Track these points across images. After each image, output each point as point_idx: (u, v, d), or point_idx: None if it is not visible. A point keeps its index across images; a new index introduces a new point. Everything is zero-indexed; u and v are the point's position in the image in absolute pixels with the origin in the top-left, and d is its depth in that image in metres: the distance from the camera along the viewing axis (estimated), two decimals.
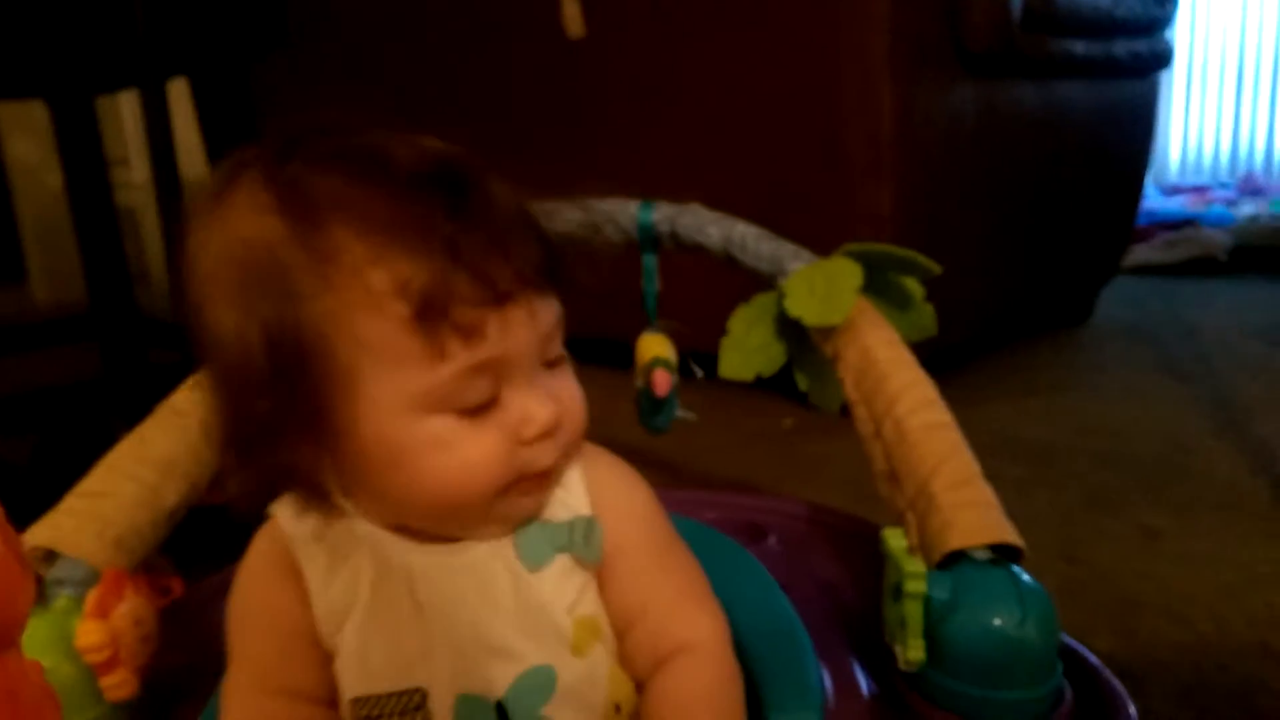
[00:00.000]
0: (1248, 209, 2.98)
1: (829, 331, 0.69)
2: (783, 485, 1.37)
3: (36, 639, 0.54)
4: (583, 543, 0.50)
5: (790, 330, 0.75)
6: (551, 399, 0.47)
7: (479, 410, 0.45)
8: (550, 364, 0.48)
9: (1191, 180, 3.86)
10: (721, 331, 0.77)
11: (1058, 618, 0.53)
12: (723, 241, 0.76)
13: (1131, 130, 2.11)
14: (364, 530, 0.49)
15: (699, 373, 0.75)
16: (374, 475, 0.46)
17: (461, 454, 0.45)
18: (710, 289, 0.88)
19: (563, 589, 0.50)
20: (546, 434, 0.47)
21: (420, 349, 0.43)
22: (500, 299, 0.44)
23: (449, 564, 0.49)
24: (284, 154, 0.45)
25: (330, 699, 0.50)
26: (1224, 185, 3.45)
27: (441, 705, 0.48)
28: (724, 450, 1.51)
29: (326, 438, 0.46)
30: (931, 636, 0.53)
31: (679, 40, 1.66)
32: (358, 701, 0.49)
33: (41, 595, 0.58)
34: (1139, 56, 1.97)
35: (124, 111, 2.73)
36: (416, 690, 0.48)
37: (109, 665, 0.54)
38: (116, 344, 1.47)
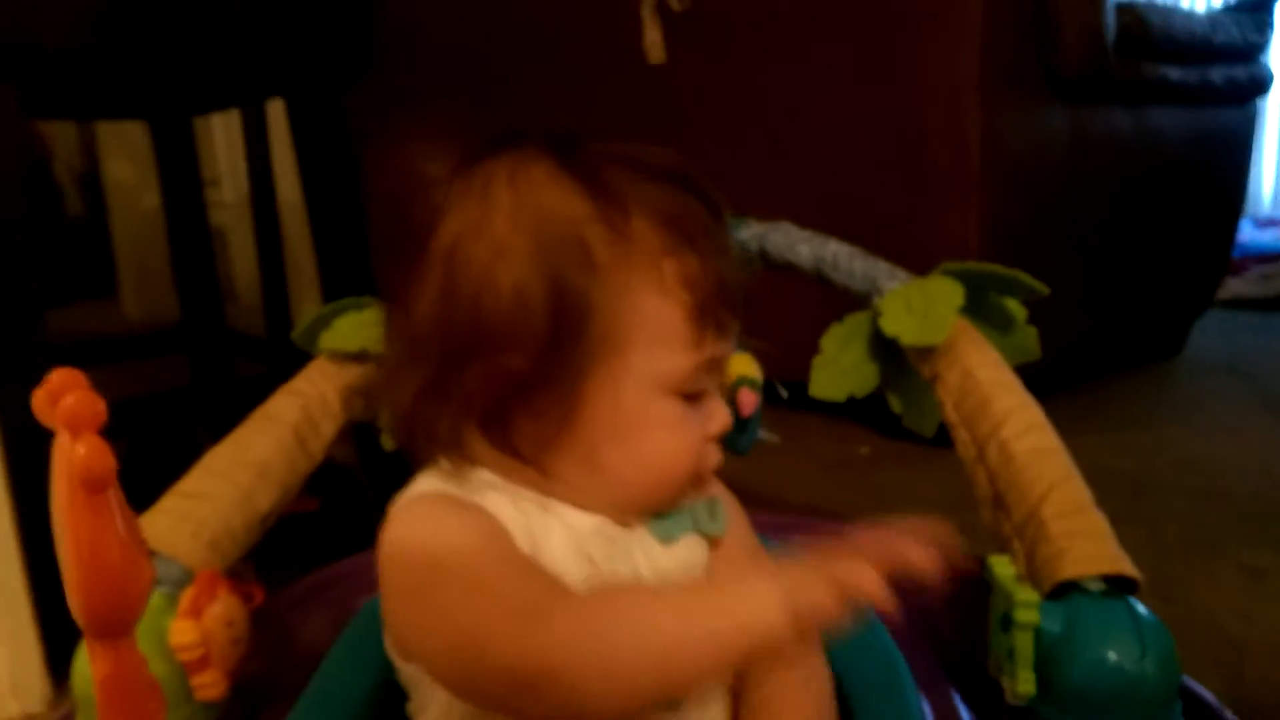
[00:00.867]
0: None
1: (927, 352, 0.67)
2: (858, 514, 1.34)
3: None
4: (707, 518, 0.53)
5: (884, 351, 0.73)
6: (725, 406, 0.52)
7: (694, 404, 0.50)
8: None
9: None
10: (806, 359, 0.75)
11: (1177, 654, 0.51)
12: (814, 259, 0.74)
13: (1227, 159, 2.05)
14: (553, 505, 0.49)
15: (784, 393, 0.74)
16: (601, 445, 0.49)
17: (681, 436, 0.49)
18: (798, 315, 0.87)
19: (693, 560, 0.53)
20: (723, 434, 0.51)
21: (687, 334, 0.48)
22: (735, 306, 0.50)
23: (614, 538, 0.50)
24: (568, 145, 0.50)
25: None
26: None
27: None
28: (799, 476, 1.48)
29: (566, 402, 0.48)
30: (1042, 670, 0.50)
31: (760, 63, 1.65)
32: None
33: None
34: (1236, 83, 1.91)
35: (217, 133, 2.81)
36: None
37: (200, 665, 0.54)
38: (205, 356, 1.51)
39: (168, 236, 1.62)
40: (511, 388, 0.47)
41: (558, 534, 0.48)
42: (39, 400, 0.24)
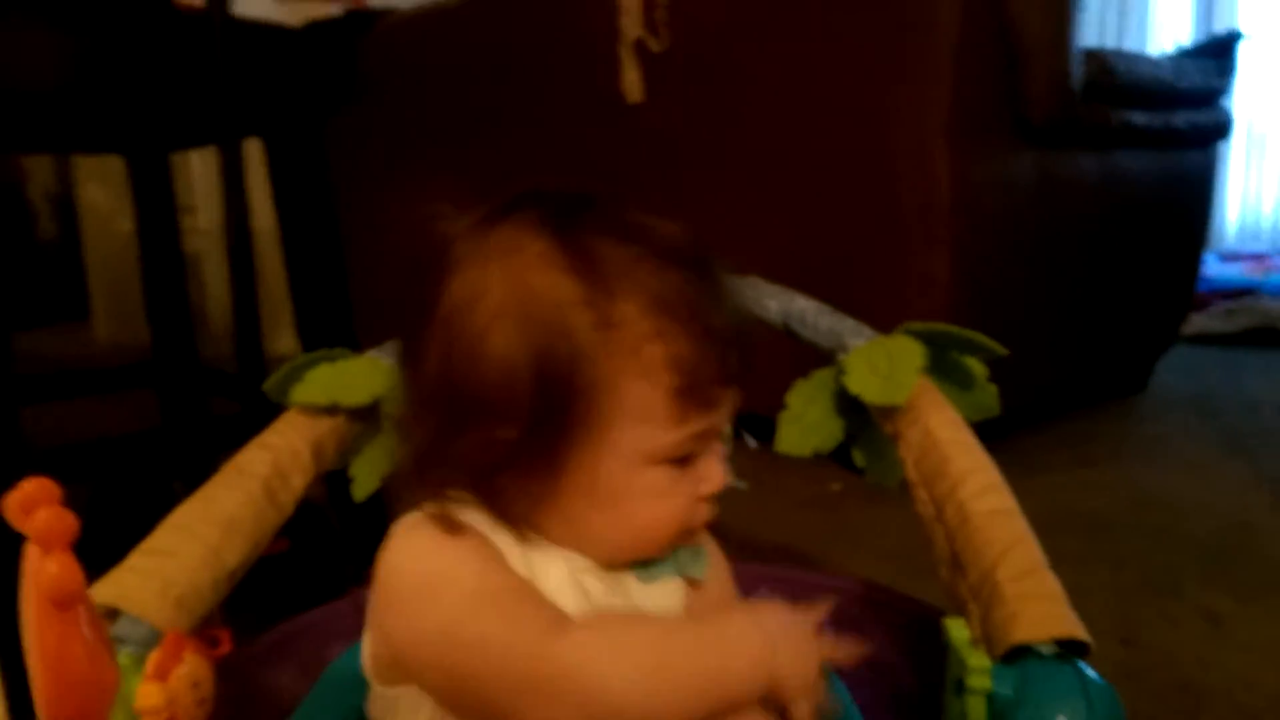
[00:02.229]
0: None
1: (890, 410, 0.69)
2: (831, 551, 1.36)
3: None
4: (690, 561, 0.56)
5: (849, 407, 0.74)
6: (721, 465, 0.53)
7: (684, 468, 0.51)
8: None
9: (1250, 248, 3.81)
10: (777, 396, 0.76)
11: (1124, 716, 0.52)
12: (782, 315, 0.76)
13: (1191, 200, 2.09)
14: (553, 550, 0.52)
15: (752, 444, 0.75)
16: (586, 511, 0.51)
17: (667, 503, 0.51)
18: (767, 355, 0.88)
19: (671, 604, 0.55)
20: (716, 494, 0.53)
21: (670, 413, 0.49)
22: (728, 381, 0.50)
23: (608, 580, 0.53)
24: (568, 218, 0.50)
25: None
26: None
27: None
28: (772, 515, 1.49)
29: (552, 472, 0.50)
30: None
31: (736, 103, 1.68)
32: None
33: None
34: (1199, 127, 1.95)
35: (193, 160, 2.81)
36: None
37: None
38: (176, 390, 1.50)
39: (141, 266, 1.61)
40: (501, 456, 0.49)
41: (556, 566, 0.51)
42: (11, 508, 0.25)
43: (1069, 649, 0.54)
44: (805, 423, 0.74)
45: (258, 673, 0.70)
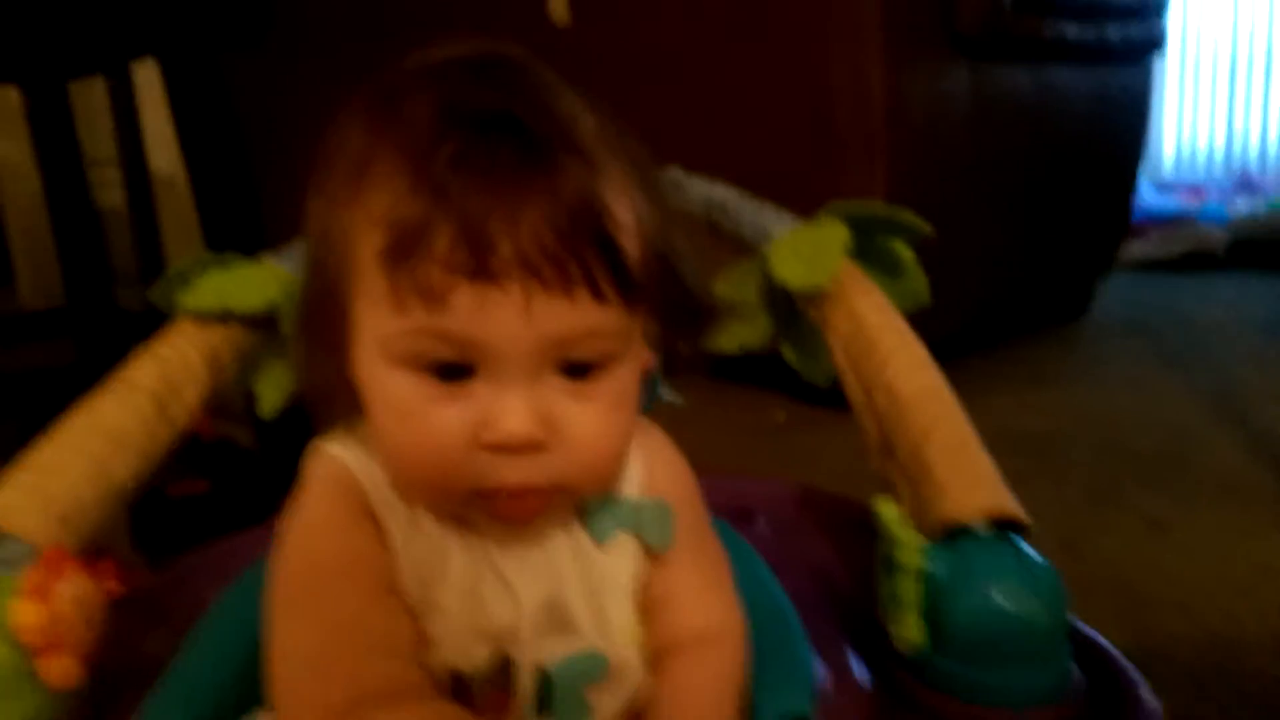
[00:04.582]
0: (1243, 206, 2.95)
1: (816, 297, 0.66)
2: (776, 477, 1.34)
3: None
4: (655, 529, 0.48)
5: (777, 300, 0.71)
6: (537, 416, 0.40)
7: (448, 387, 0.40)
8: (578, 376, 0.42)
9: (1187, 178, 3.84)
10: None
11: (1065, 595, 0.50)
12: (703, 204, 0.72)
13: (1126, 117, 2.09)
14: None
15: (676, 399, 0.67)
16: (368, 419, 0.44)
17: (411, 427, 0.41)
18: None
19: (625, 568, 0.48)
20: (510, 447, 0.40)
21: (385, 292, 0.39)
22: (479, 273, 0.38)
23: (518, 533, 0.45)
24: (418, 64, 0.43)
25: (413, 655, 0.44)
26: (1219, 183, 3.42)
27: (525, 672, 0.45)
28: (715, 445, 1.46)
29: (346, 365, 0.44)
30: (930, 616, 0.49)
31: (665, 23, 1.63)
32: (457, 674, 0.45)
33: None
34: (1131, 41, 1.94)
35: (106, 112, 2.69)
36: (505, 659, 0.45)
37: (48, 649, 0.50)
38: (90, 335, 1.44)
39: (48, 212, 1.54)
40: (322, 344, 0.45)
41: (456, 560, 0.45)
42: None
43: (1006, 528, 0.52)
44: (731, 318, 0.70)
45: (166, 599, 0.66)
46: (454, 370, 0.40)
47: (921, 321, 0.65)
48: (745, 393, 1.73)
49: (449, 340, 0.39)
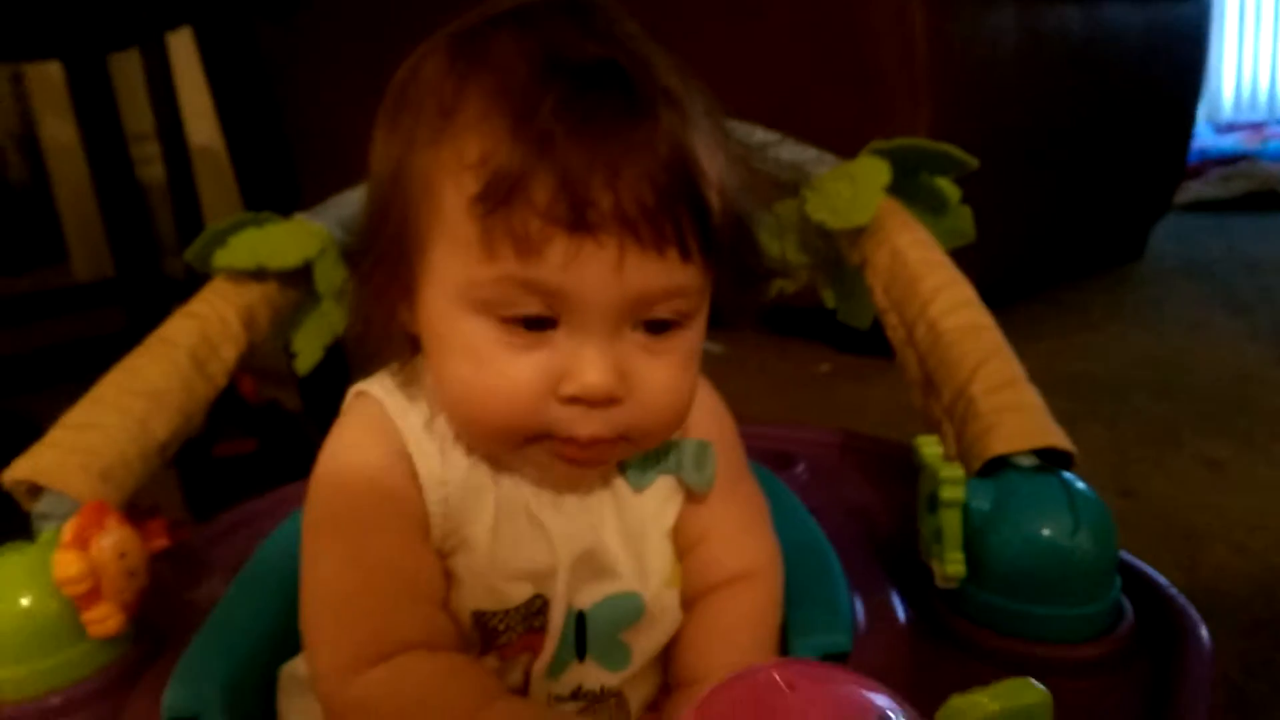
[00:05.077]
0: None
1: (855, 235, 0.64)
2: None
3: (19, 573, 0.51)
4: (694, 469, 0.48)
5: (816, 242, 0.69)
6: (616, 371, 0.40)
7: (529, 337, 0.40)
8: (655, 333, 0.42)
9: (1247, 117, 3.72)
10: None
11: (1113, 528, 0.48)
12: (742, 148, 0.71)
13: (1181, 55, 2.01)
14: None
15: (716, 349, 0.66)
16: (432, 361, 0.44)
17: (486, 373, 0.41)
18: None
19: (665, 510, 0.48)
20: (587, 400, 0.40)
21: (475, 238, 0.39)
22: (576, 225, 0.37)
23: (555, 479, 0.46)
24: (503, 6, 0.42)
25: (443, 600, 0.44)
26: None
27: (558, 613, 0.45)
28: (760, 395, 1.46)
29: (414, 306, 0.44)
30: (972, 550, 0.48)
31: None
32: (481, 614, 0.45)
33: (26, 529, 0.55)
34: None
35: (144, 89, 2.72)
36: (538, 598, 0.45)
37: (90, 599, 0.51)
38: (140, 303, 1.46)
39: (93, 184, 1.56)
40: (385, 281, 0.44)
41: (490, 500, 0.45)
42: None
43: (1052, 461, 0.51)
44: (769, 261, 0.68)
45: (208, 554, 0.66)
46: (537, 321, 0.40)
47: (967, 267, 0.62)
48: (790, 343, 1.71)
49: (538, 290, 0.39)
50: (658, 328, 0.41)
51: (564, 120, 0.37)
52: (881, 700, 0.27)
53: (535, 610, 0.45)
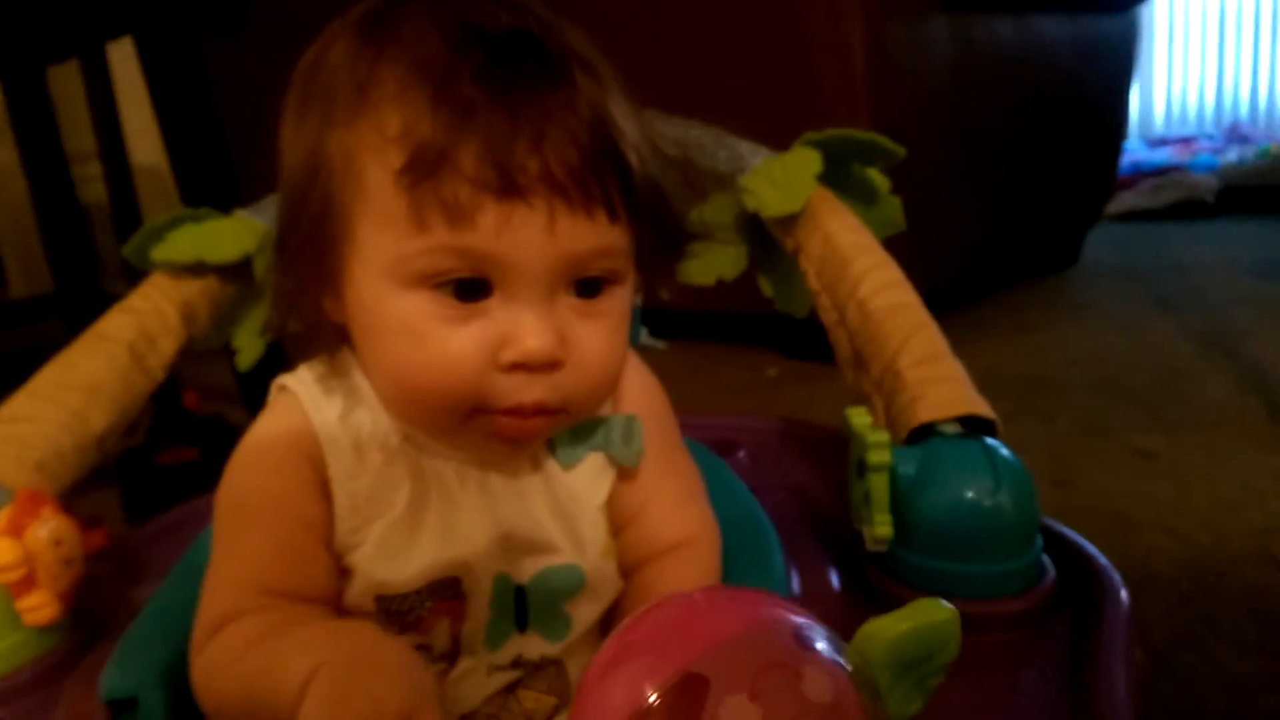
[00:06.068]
0: (1233, 156, 2.95)
1: (790, 224, 0.66)
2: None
3: None
4: (621, 443, 0.48)
5: (751, 230, 0.71)
6: (555, 333, 0.40)
7: (464, 308, 0.40)
8: (586, 295, 0.42)
9: (1177, 132, 3.83)
10: (689, 291, 0.72)
11: (1033, 490, 0.50)
12: (679, 142, 0.72)
13: (1112, 68, 2.08)
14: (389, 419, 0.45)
15: (660, 344, 0.67)
16: (363, 346, 0.44)
17: (424, 349, 0.40)
18: None
19: (596, 486, 0.48)
20: (529, 365, 0.40)
21: (403, 211, 0.39)
22: (506, 190, 0.38)
23: (482, 462, 0.46)
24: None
25: (328, 599, 0.44)
26: (1210, 136, 3.41)
27: (479, 585, 0.45)
28: (708, 399, 1.48)
29: (341, 293, 0.43)
30: (900, 514, 0.49)
31: None
32: (383, 598, 0.44)
33: None
34: None
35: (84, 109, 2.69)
36: (449, 578, 0.45)
37: (25, 586, 0.50)
38: (79, 317, 1.44)
39: (30, 198, 1.54)
40: (301, 271, 0.44)
41: (404, 492, 0.45)
42: None
43: (975, 429, 0.52)
44: (707, 251, 0.70)
45: (146, 551, 0.66)
46: (471, 288, 0.40)
47: (907, 271, 0.63)
48: (738, 350, 1.73)
49: (471, 257, 0.39)
50: (589, 289, 0.42)
51: (484, 87, 0.38)
52: (798, 617, 0.28)
53: (447, 586, 0.45)
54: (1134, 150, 3.08)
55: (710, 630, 0.25)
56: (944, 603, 0.29)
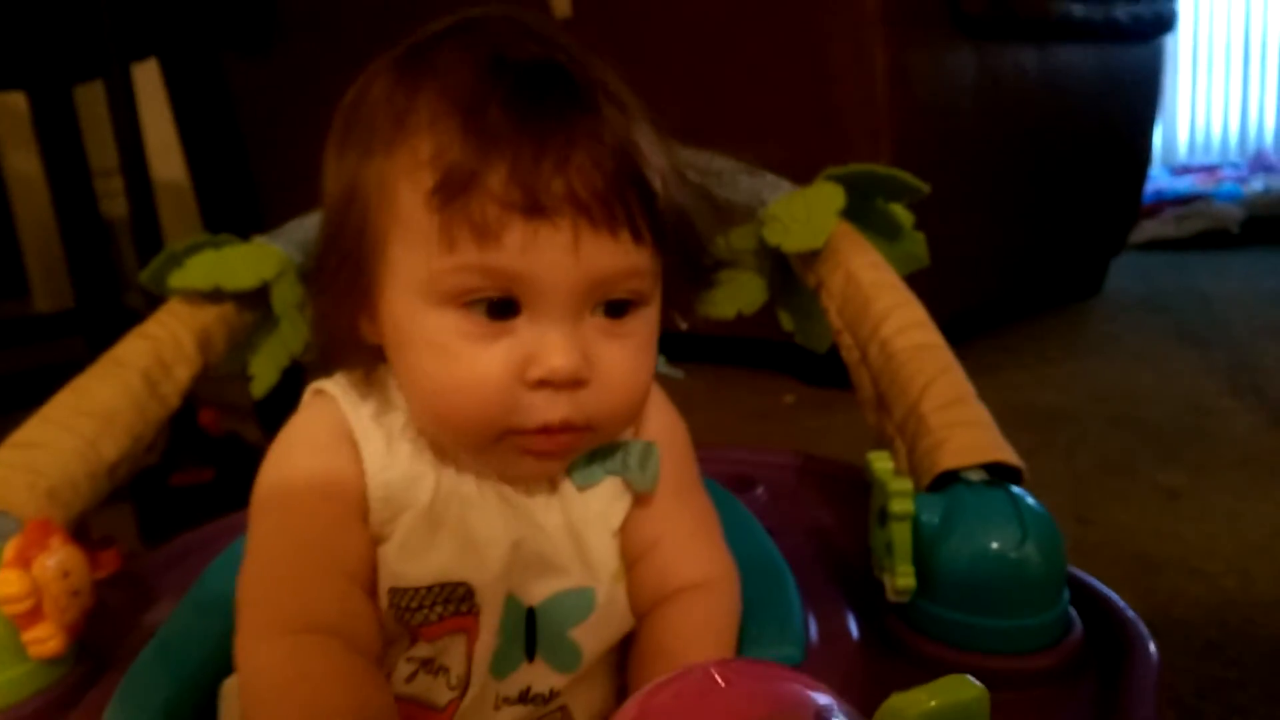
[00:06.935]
0: (1259, 185, 2.92)
1: (811, 259, 0.65)
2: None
3: None
4: (638, 468, 0.48)
5: (772, 265, 0.70)
6: (580, 352, 0.42)
7: (492, 327, 0.41)
8: (613, 316, 0.43)
9: (1201, 160, 3.80)
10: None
11: (1061, 541, 0.49)
12: (700, 174, 0.71)
13: (1136, 97, 2.07)
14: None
15: (677, 373, 0.67)
16: (397, 364, 0.45)
17: (454, 367, 0.42)
18: None
19: (611, 510, 0.49)
20: (555, 383, 0.41)
21: (434, 231, 0.40)
22: (532, 210, 0.39)
23: (503, 476, 0.47)
24: (443, 26, 0.44)
25: (370, 584, 0.45)
26: (1234, 164, 3.39)
27: (491, 600, 0.45)
28: (726, 426, 1.47)
29: (376, 313, 0.45)
30: (923, 563, 0.48)
31: (666, 12, 1.62)
32: (395, 592, 0.45)
33: None
34: (1140, 19, 1.92)
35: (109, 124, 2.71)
36: (461, 585, 0.45)
37: (31, 618, 0.50)
38: (100, 333, 1.45)
39: (55, 214, 1.55)
40: (340, 292, 0.45)
41: (428, 491, 0.45)
42: None
43: (1001, 476, 0.51)
44: (727, 284, 0.69)
45: (156, 579, 0.65)
46: (499, 308, 0.41)
47: (928, 302, 0.63)
48: (756, 376, 1.72)
49: (498, 276, 0.40)
50: (616, 310, 0.43)
51: (512, 112, 0.39)
52: (820, 698, 0.27)
53: (460, 596, 0.45)
54: (1157, 178, 3.06)
55: (730, 713, 0.24)
56: (973, 680, 0.27)
